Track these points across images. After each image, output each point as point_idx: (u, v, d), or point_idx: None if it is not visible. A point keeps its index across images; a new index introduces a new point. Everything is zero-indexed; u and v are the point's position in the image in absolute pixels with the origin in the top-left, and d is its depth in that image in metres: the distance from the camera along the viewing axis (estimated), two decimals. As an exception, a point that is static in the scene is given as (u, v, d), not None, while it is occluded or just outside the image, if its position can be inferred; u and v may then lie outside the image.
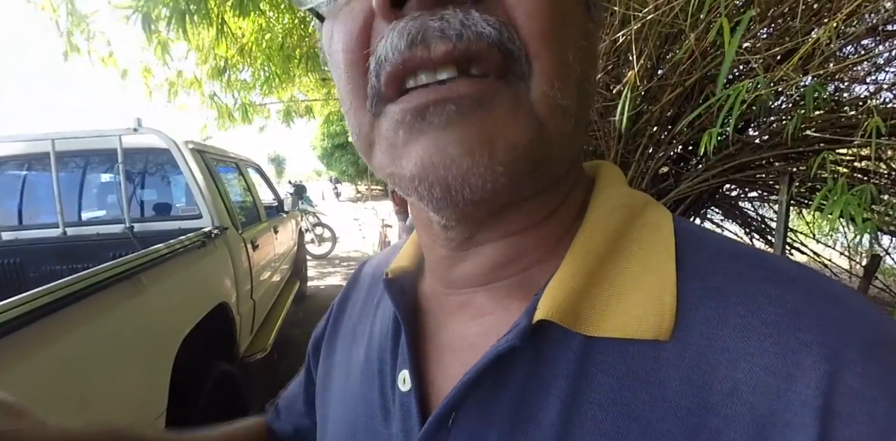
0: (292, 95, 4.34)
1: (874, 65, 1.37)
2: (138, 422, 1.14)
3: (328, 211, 7.60)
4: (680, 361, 0.21)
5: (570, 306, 0.23)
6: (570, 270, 0.24)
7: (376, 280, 0.40)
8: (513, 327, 0.24)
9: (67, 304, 0.95)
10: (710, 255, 0.24)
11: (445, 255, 0.30)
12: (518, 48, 0.21)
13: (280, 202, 3.55)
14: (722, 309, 0.22)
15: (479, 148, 0.21)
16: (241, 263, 2.08)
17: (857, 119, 1.27)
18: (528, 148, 0.22)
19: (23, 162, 2.29)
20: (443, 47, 0.21)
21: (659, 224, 0.26)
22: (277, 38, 2.97)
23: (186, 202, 2.36)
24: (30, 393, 0.83)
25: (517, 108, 0.22)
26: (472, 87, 0.21)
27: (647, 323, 0.22)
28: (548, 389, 0.23)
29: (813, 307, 0.21)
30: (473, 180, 0.21)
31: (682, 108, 1.49)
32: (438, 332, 0.31)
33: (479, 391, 0.25)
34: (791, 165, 1.46)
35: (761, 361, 0.20)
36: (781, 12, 1.20)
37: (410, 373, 0.28)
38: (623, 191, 0.29)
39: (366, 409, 0.31)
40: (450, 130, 0.21)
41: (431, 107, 0.21)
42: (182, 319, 1.46)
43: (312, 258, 5.99)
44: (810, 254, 2.11)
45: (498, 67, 0.22)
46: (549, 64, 0.22)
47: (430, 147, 0.21)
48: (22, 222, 2.25)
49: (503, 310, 0.28)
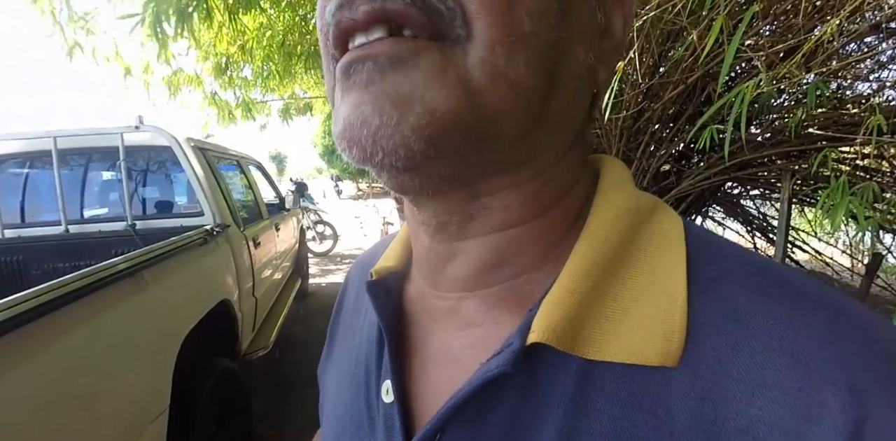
0: (293, 93, 4.33)
1: (877, 62, 1.36)
2: (140, 419, 1.15)
3: (329, 209, 7.60)
4: (689, 391, 0.19)
5: (568, 327, 0.21)
6: (570, 285, 0.22)
7: (363, 280, 0.39)
8: (503, 347, 0.22)
9: (69, 301, 0.95)
10: (725, 270, 0.22)
11: (429, 246, 0.28)
12: (449, 8, 0.20)
13: (281, 200, 3.55)
14: (737, 333, 0.20)
15: (389, 108, 0.20)
16: (242, 261, 2.08)
17: (860, 117, 1.26)
18: (452, 115, 0.20)
19: (25, 160, 2.30)
20: (364, 7, 0.20)
21: (669, 232, 0.24)
22: (278, 35, 2.96)
23: (188, 200, 2.36)
24: (32, 390, 0.83)
25: (444, 72, 0.20)
26: (392, 46, 0.20)
27: (654, 347, 0.20)
28: (542, 417, 0.21)
29: (843, 340, 0.19)
30: (384, 143, 0.20)
31: (684, 106, 1.48)
32: (423, 340, 0.29)
33: (467, 413, 0.23)
34: (793, 163, 1.46)
35: (781, 397, 0.18)
36: (784, 9, 1.19)
37: (393, 384, 0.27)
38: (630, 192, 0.26)
39: (353, 418, 0.30)
40: (368, 89, 0.20)
41: (354, 65, 0.21)
42: (184, 317, 1.46)
43: (314, 256, 5.99)
44: (812, 252, 2.11)
45: (425, 29, 0.20)
46: (490, 26, 0.20)
47: (350, 105, 0.21)
48: (24, 220, 2.25)
49: (492, 322, 0.26)
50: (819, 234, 2.14)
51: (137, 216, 2.17)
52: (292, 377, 2.58)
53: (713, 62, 1.25)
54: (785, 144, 1.36)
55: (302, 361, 2.74)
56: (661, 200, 0.27)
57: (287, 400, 2.36)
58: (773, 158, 1.46)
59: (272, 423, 2.14)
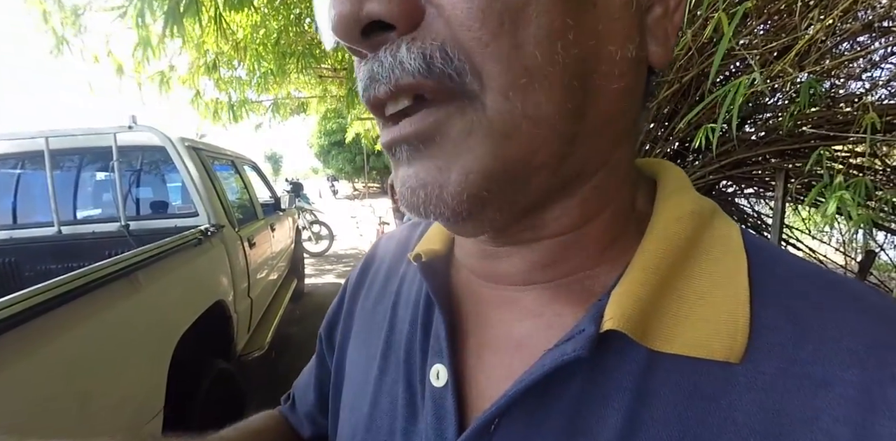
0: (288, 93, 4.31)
1: (870, 61, 1.37)
2: (135, 420, 1.14)
3: (325, 208, 7.58)
4: (753, 384, 0.20)
5: (639, 317, 0.22)
6: (640, 278, 0.23)
7: (398, 258, 0.38)
8: (574, 333, 0.23)
9: (62, 302, 0.94)
10: (784, 274, 0.23)
11: (479, 247, 0.29)
12: (457, 68, 0.20)
13: (277, 200, 3.53)
14: (799, 332, 0.21)
15: (430, 181, 0.22)
16: (237, 261, 2.07)
17: (853, 115, 1.27)
18: (483, 174, 0.21)
19: (17, 160, 2.28)
20: (383, 88, 0.22)
21: (729, 236, 0.25)
22: (272, 34, 2.94)
23: (182, 200, 2.34)
24: (25, 392, 0.82)
25: (469, 135, 0.21)
26: (419, 125, 0.22)
27: (719, 342, 0.21)
28: (607, 402, 0.22)
29: (894, 336, 0.20)
30: (433, 208, 0.22)
31: (679, 105, 1.49)
32: (478, 325, 0.29)
33: (529, 399, 0.23)
34: (787, 162, 1.47)
35: (844, 391, 0.19)
36: (778, 9, 1.20)
37: (448, 367, 0.27)
38: (693, 197, 0.27)
39: (386, 400, 0.30)
40: (411, 164, 0.23)
41: (393, 147, 0.24)
42: (179, 317, 1.45)
43: (310, 256, 5.97)
44: (805, 250, 2.12)
45: (440, 93, 0.21)
46: (499, 75, 0.20)
47: (401, 178, 0.24)
48: (16, 221, 2.23)
49: (554, 313, 0.26)
50: (813, 231, 2.15)
51: (131, 217, 2.15)
52: (288, 378, 2.56)
53: (708, 61, 1.25)
54: (779, 143, 1.37)
55: (298, 362, 2.72)
56: (719, 206, 0.28)
57: (283, 401, 2.35)
58: (767, 157, 1.47)
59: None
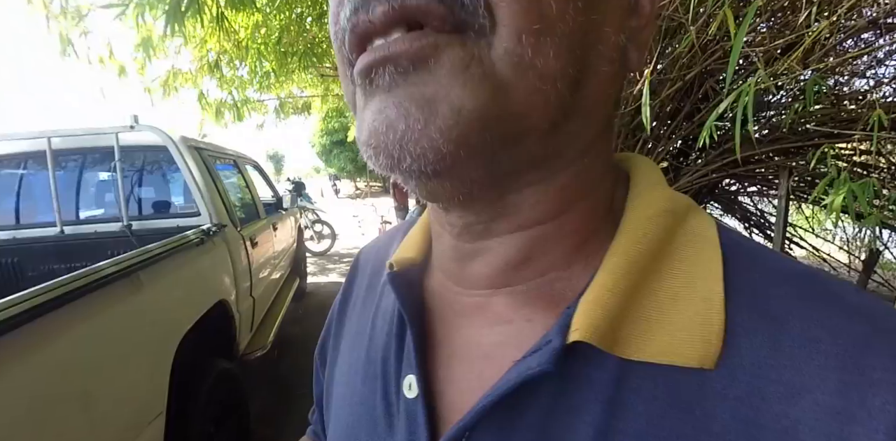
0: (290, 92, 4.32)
1: (874, 58, 1.36)
2: (137, 421, 1.14)
3: (327, 208, 7.59)
4: (728, 392, 0.19)
5: (608, 326, 0.21)
6: (609, 283, 0.22)
7: (378, 269, 0.37)
8: (541, 345, 0.22)
9: (64, 302, 0.94)
10: (761, 273, 0.22)
11: (453, 245, 0.27)
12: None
13: (279, 199, 3.53)
14: (776, 336, 0.20)
15: (415, 111, 0.19)
16: (239, 261, 2.07)
17: (857, 113, 1.26)
18: (479, 112, 0.19)
19: (19, 160, 2.28)
20: (381, 8, 0.19)
21: (704, 234, 0.24)
22: (274, 33, 2.94)
23: (184, 200, 2.35)
24: (28, 392, 0.83)
25: (467, 67, 0.19)
26: (412, 43, 0.19)
27: (692, 348, 0.20)
28: (578, 415, 0.21)
29: (881, 342, 0.19)
30: (411, 147, 0.19)
31: (682, 103, 1.48)
32: (448, 335, 0.28)
33: (498, 412, 0.22)
34: (790, 160, 1.46)
35: (821, 398, 0.18)
36: (782, 6, 1.19)
37: (417, 379, 0.26)
38: (666, 193, 0.26)
39: (367, 413, 0.29)
40: (393, 92, 0.20)
41: (375, 68, 0.20)
42: (181, 317, 1.45)
43: (312, 255, 5.98)
44: (809, 248, 2.12)
45: (446, 22, 0.19)
46: (516, 15, 0.19)
47: (374, 111, 0.20)
48: (19, 221, 2.24)
49: (524, 320, 0.25)
50: (816, 230, 2.14)
51: (133, 217, 2.15)
52: (291, 378, 2.57)
53: (711, 59, 1.25)
54: (782, 141, 1.37)
55: (300, 362, 2.72)
56: (695, 202, 0.26)
57: (285, 400, 2.36)
58: (770, 155, 1.47)
59: (270, 424, 2.13)
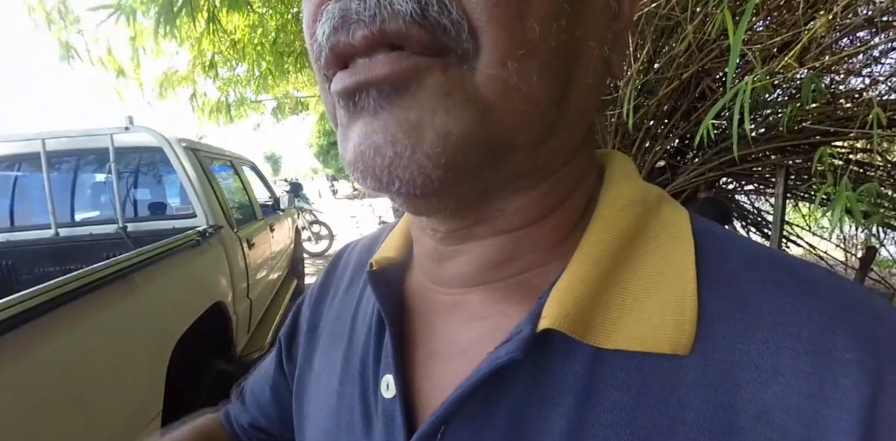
0: (286, 92, 4.30)
1: (870, 57, 1.37)
2: (134, 423, 1.13)
3: (325, 208, 7.57)
4: (702, 379, 0.19)
5: (579, 314, 0.21)
6: (581, 272, 0.22)
7: (360, 268, 0.37)
8: (513, 334, 0.22)
9: (60, 304, 0.93)
10: (733, 260, 0.22)
11: (434, 247, 0.27)
12: (455, 20, 0.18)
13: (276, 200, 3.52)
14: (748, 321, 0.20)
15: (402, 137, 0.19)
16: (236, 262, 2.06)
17: (854, 111, 1.27)
18: (465, 137, 0.19)
19: (13, 162, 2.26)
20: (360, 32, 0.19)
21: (677, 223, 0.24)
22: (270, 34, 2.93)
23: (180, 201, 2.33)
24: (23, 394, 0.82)
25: (451, 92, 0.19)
26: (394, 66, 0.19)
27: (666, 335, 0.20)
28: (550, 406, 0.21)
29: (851, 322, 0.19)
30: (400, 173, 0.19)
31: (679, 102, 1.48)
32: (426, 334, 0.28)
33: (471, 405, 0.22)
34: (787, 158, 1.46)
35: (794, 382, 0.18)
36: (778, 5, 1.19)
37: (395, 378, 0.26)
38: (637, 184, 0.26)
39: (346, 413, 0.29)
40: (378, 116, 0.20)
41: (358, 93, 0.20)
42: (177, 319, 1.45)
43: (309, 256, 5.97)
44: (806, 246, 2.12)
45: (427, 47, 0.19)
46: (500, 40, 0.18)
47: (361, 134, 0.20)
48: (13, 224, 2.22)
49: (501, 314, 0.25)
50: (813, 228, 2.15)
51: (129, 218, 2.14)
52: (289, 378, 2.56)
53: (708, 58, 1.25)
54: (779, 139, 1.37)
55: (299, 362, 2.71)
56: (667, 192, 0.26)
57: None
58: (767, 153, 1.47)
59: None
